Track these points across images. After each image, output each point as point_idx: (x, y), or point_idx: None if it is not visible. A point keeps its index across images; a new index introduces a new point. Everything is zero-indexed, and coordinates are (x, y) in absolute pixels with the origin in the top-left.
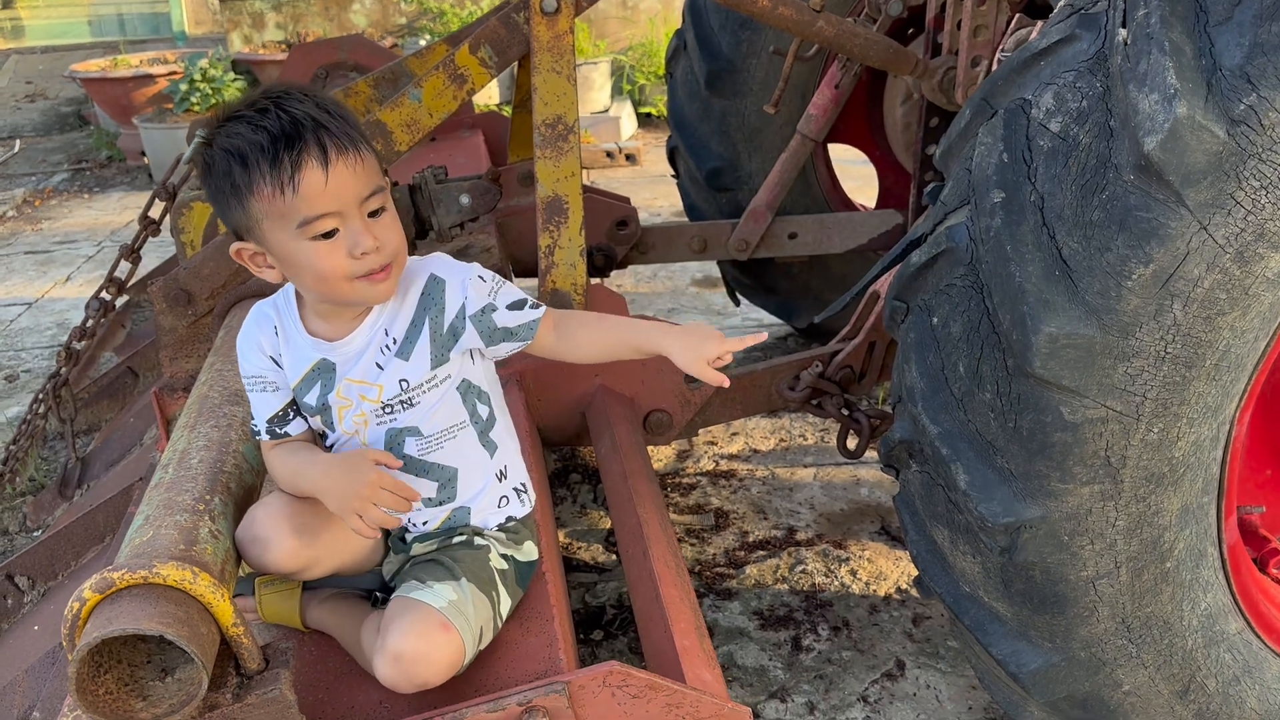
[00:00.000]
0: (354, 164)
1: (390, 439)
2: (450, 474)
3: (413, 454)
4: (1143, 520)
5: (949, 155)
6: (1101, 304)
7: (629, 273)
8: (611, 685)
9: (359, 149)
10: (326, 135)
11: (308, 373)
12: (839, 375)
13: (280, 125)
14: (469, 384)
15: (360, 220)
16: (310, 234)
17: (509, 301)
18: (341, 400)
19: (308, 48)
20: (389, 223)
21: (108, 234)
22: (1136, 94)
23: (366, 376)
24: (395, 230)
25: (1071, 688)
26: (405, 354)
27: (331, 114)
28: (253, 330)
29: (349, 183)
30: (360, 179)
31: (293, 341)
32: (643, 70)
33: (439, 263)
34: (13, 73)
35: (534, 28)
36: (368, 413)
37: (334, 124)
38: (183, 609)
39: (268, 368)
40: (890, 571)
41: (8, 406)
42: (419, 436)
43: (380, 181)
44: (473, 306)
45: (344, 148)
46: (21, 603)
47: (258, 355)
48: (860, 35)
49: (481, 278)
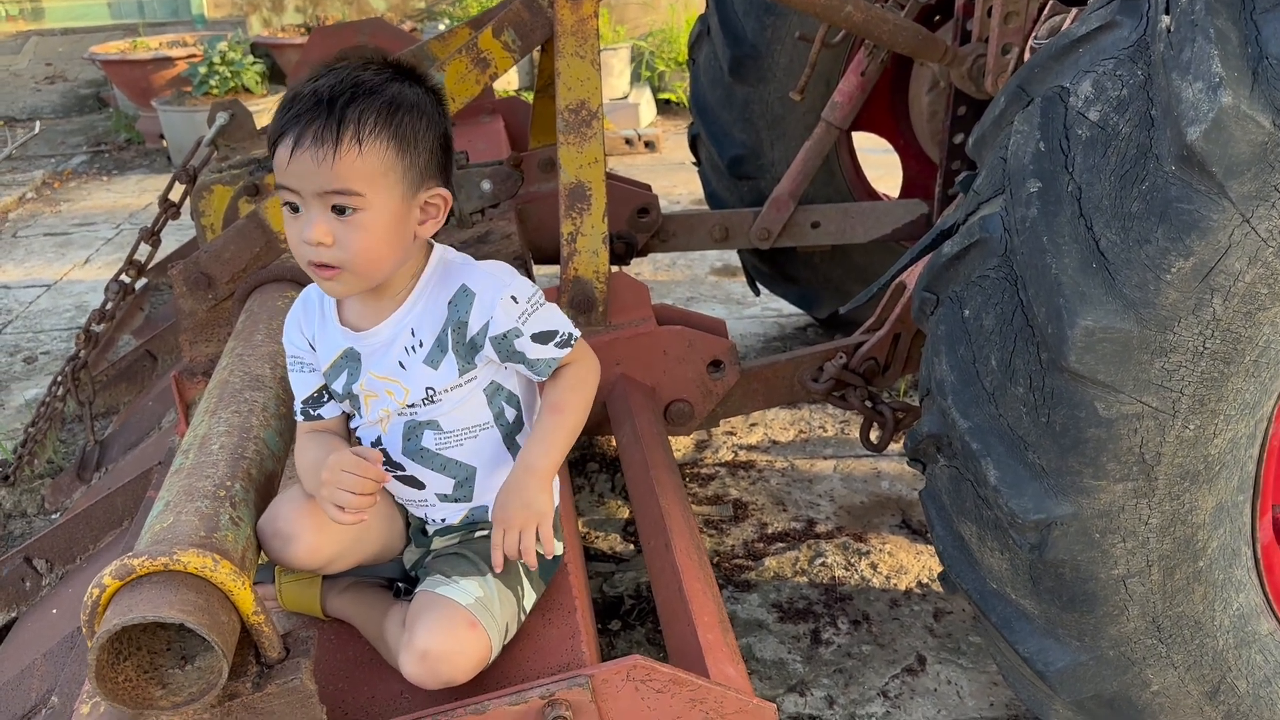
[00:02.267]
0: (323, 156)
1: (408, 430)
2: (468, 472)
3: (429, 447)
4: (1176, 518)
5: (982, 144)
6: (1139, 297)
7: (647, 260)
8: (635, 679)
9: (343, 146)
10: (319, 121)
11: (336, 359)
12: (863, 367)
13: (315, 91)
14: (498, 386)
15: (317, 210)
16: (281, 199)
17: (536, 331)
18: (367, 392)
19: (328, 31)
20: (355, 225)
21: (126, 216)
22: (1179, 82)
23: (390, 374)
24: (360, 238)
25: (1099, 687)
26: (434, 363)
27: (359, 100)
28: (298, 310)
29: (308, 171)
30: (322, 173)
31: (327, 326)
32: (662, 56)
33: (475, 273)
34: (32, 54)
35: (558, 11)
36: (391, 411)
37: (344, 112)
38: (203, 597)
39: (304, 348)
40: (911, 565)
41: (26, 388)
42: (437, 430)
43: (357, 186)
44: (495, 328)
45: (321, 139)
46: (40, 585)
47: (298, 334)
48: (889, 21)
49: (514, 298)
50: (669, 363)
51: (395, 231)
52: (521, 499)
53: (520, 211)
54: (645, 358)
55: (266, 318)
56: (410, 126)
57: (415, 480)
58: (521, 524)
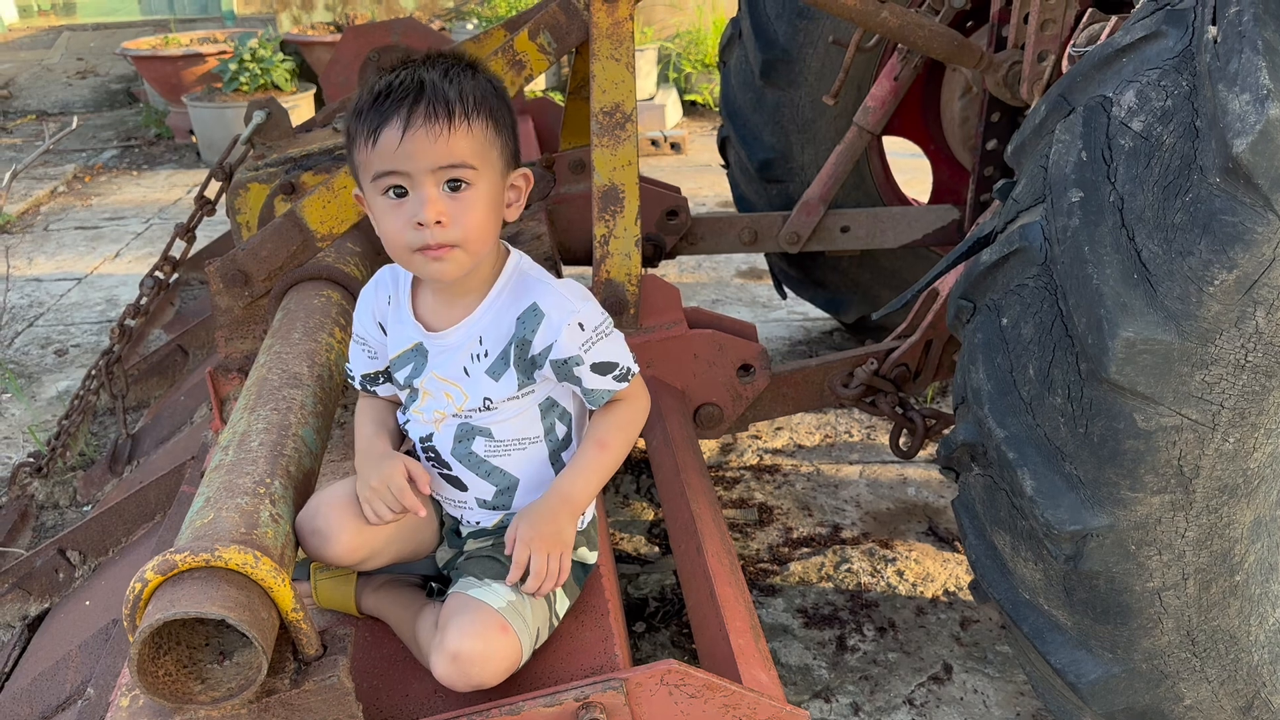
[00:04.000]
0: (439, 132)
1: (461, 433)
2: (511, 482)
3: (479, 453)
4: (1213, 532)
5: (1022, 152)
6: (1181, 309)
7: (674, 263)
8: (669, 684)
9: (455, 120)
10: (426, 100)
11: (405, 351)
12: (894, 373)
13: (399, 82)
14: (553, 402)
15: (430, 189)
16: (382, 188)
17: (597, 361)
18: (427, 390)
19: (360, 30)
20: (469, 202)
21: (156, 211)
22: (1226, 94)
23: (452, 377)
24: (473, 213)
25: (1131, 700)
26: (496, 375)
27: (454, 81)
28: (371, 291)
29: (424, 148)
30: (438, 148)
31: (401, 315)
32: (689, 58)
33: (548, 292)
34: (64, 50)
35: (594, 14)
36: (447, 413)
37: (446, 90)
38: (244, 593)
39: (372, 334)
40: (938, 573)
41: (58, 380)
42: (489, 438)
43: (471, 160)
44: (558, 353)
45: (435, 115)
46: (73, 577)
47: (368, 317)
48: (924, 27)
49: (582, 325)
50: (699, 366)
51: (497, 209)
52: (553, 526)
53: (550, 212)
54: (676, 361)
55: (304, 316)
56: (499, 107)
57: (459, 482)
58: (547, 549)
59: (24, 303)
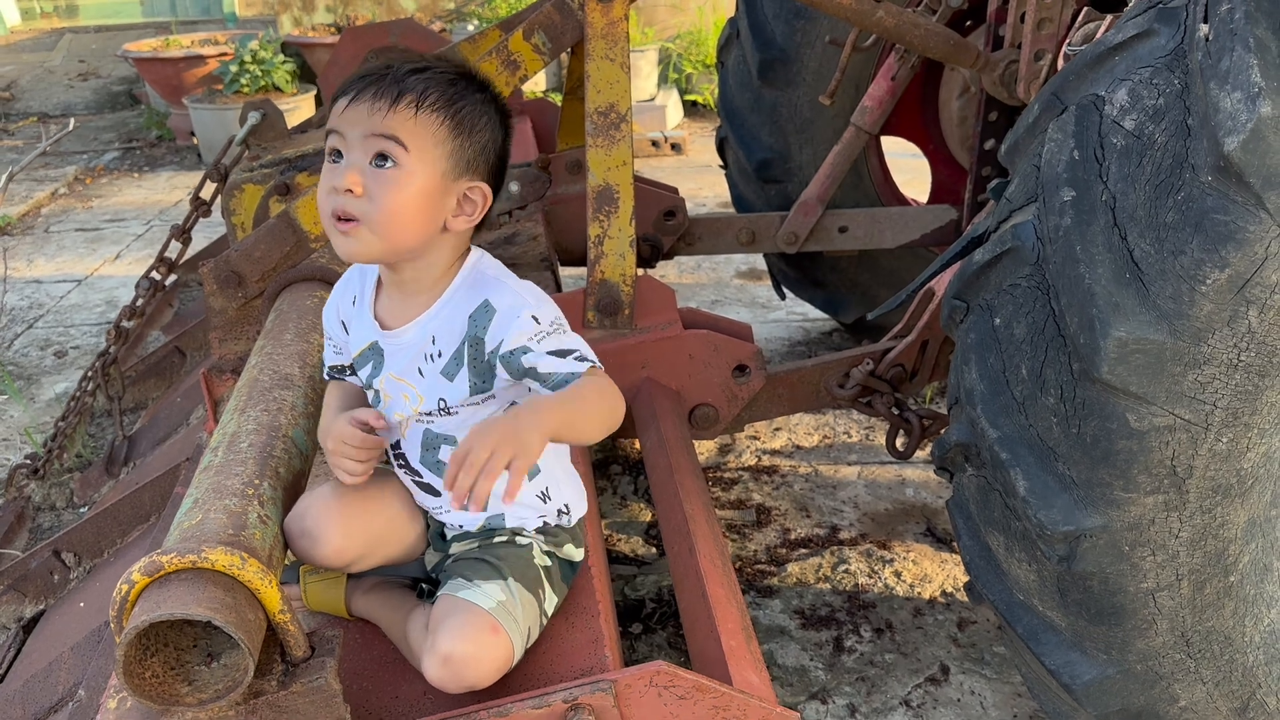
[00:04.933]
0: (380, 107)
1: (427, 441)
2: None
3: (446, 460)
4: (1207, 532)
5: (1015, 151)
6: (1173, 309)
7: (672, 263)
8: (658, 685)
9: (400, 103)
10: (385, 80)
11: (364, 350)
12: (890, 374)
13: (387, 65)
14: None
15: (357, 155)
16: (327, 150)
17: (552, 349)
18: (387, 391)
19: (358, 31)
20: (390, 180)
21: (157, 213)
22: (1217, 92)
23: (407, 376)
24: (390, 193)
25: (1126, 701)
26: (450, 375)
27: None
28: (339, 289)
29: (360, 114)
30: (374, 119)
31: (362, 314)
32: (690, 59)
33: (500, 290)
34: (66, 51)
35: (588, 14)
36: (407, 416)
37: (410, 81)
38: (230, 594)
39: (336, 331)
40: (935, 574)
41: (56, 382)
42: (455, 445)
43: (403, 139)
44: (507, 346)
45: (383, 94)
46: (68, 579)
47: (333, 314)
48: (921, 26)
49: (536, 319)
50: (694, 367)
51: (426, 206)
52: (512, 425)
53: (547, 213)
54: (671, 361)
55: (296, 316)
56: (469, 116)
57: (431, 489)
58: (496, 445)
59: (24, 304)
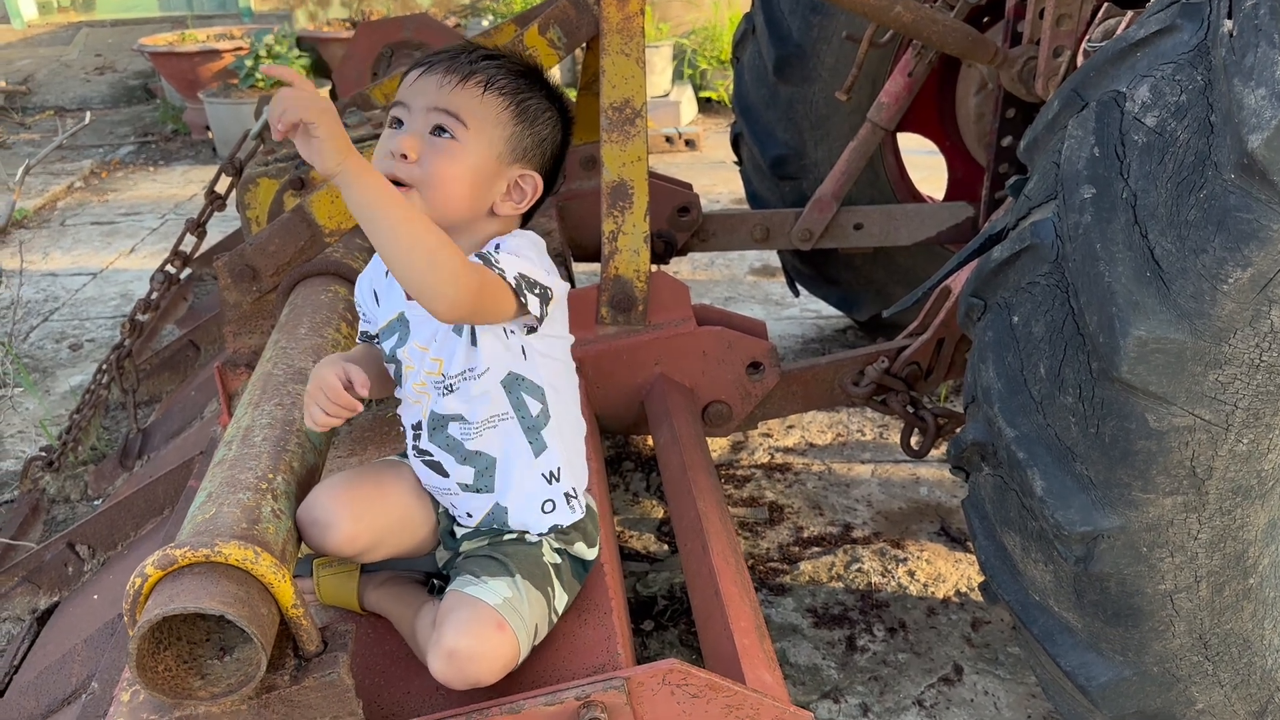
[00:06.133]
0: (448, 82)
1: (434, 420)
2: (488, 462)
3: (455, 436)
4: (1226, 534)
5: (1034, 147)
6: (1194, 308)
7: (686, 259)
8: (671, 683)
9: (468, 80)
10: (458, 61)
11: (392, 320)
12: (905, 372)
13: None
14: (517, 376)
15: (418, 124)
16: (390, 119)
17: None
18: (409, 362)
19: (373, 26)
20: (445, 150)
21: (172, 207)
22: (1241, 89)
23: (426, 343)
24: (443, 162)
25: (1142, 703)
26: (459, 330)
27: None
28: (374, 260)
29: (427, 87)
30: (440, 92)
31: (392, 285)
32: (705, 55)
33: (504, 239)
34: (82, 45)
35: (604, 9)
36: (426, 383)
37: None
38: (243, 589)
39: (367, 301)
40: (949, 574)
41: (72, 375)
42: (463, 422)
43: (464, 116)
44: None
45: (453, 70)
46: (81, 571)
47: (366, 283)
48: (939, 22)
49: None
50: (708, 364)
51: (476, 182)
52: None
53: (561, 209)
54: (684, 358)
55: (310, 311)
56: (533, 107)
57: (440, 468)
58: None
59: (39, 297)
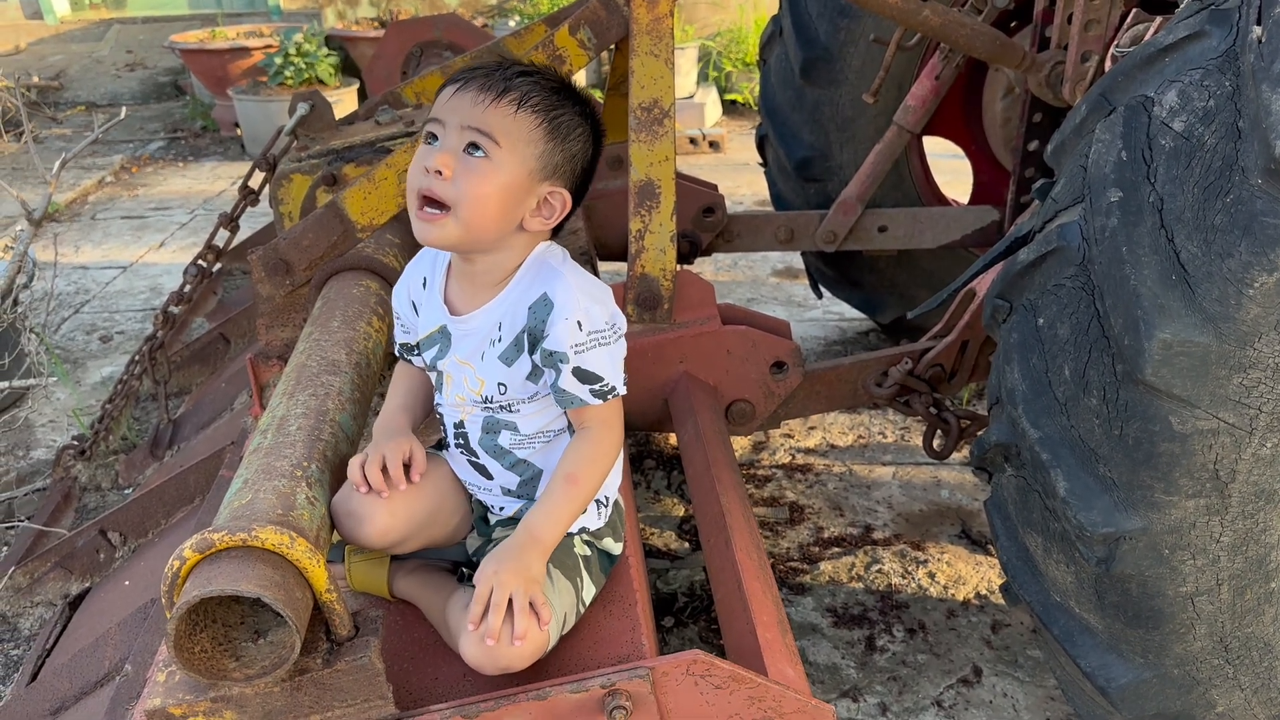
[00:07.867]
0: (483, 99)
1: (488, 425)
2: (534, 473)
3: (505, 445)
4: (1249, 537)
5: (1061, 151)
6: (1220, 311)
7: (709, 260)
8: (695, 674)
9: (503, 98)
10: (493, 77)
11: (433, 333)
12: (929, 373)
13: (498, 63)
14: None
15: (452, 141)
16: (424, 135)
17: (581, 367)
18: (449, 374)
19: (403, 25)
20: (477, 169)
21: (200, 202)
22: (1270, 94)
23: (471, 360)
24: (476, 181)
25: (1162, 705)
26: (508, 360)
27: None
28: (410, 270)
29: (463, 104)
30: (475, 110)
31: (431, 297)
32: (730, 57)
33: (562, 284)
34: (114, 42)
35: (634, 10)
36: (467, 398)
37: (515, 81)
38: (279, 573)
39: (406, 311)
40: (970, 576)
41: (102, 366)
42: (515, 431)
43: (497, 135)
44: (549, 345)
45: (488, 87)
46: (113, 557)
47: (404, 294)
48: (966, 26)
49: (580, 324)
50: (732, 362)
51: (508, 199)
52: (521, 563)
53: (587, 208)
54: (709, 356)
55: (343, 304)
56: (565, 124)
57: (485, 470)
58: (513, 585)
59: (70, 290)
